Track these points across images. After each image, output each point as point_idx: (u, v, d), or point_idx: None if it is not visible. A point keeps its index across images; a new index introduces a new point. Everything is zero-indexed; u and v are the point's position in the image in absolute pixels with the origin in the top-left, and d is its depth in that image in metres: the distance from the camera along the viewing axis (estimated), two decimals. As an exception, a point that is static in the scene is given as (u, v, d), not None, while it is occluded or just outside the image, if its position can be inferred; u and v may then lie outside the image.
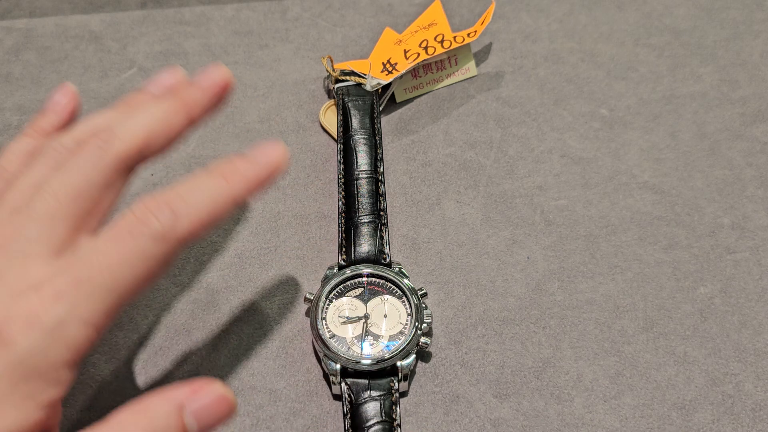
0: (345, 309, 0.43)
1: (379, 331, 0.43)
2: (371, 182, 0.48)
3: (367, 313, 0.43)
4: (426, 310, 0.43)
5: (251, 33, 0.59)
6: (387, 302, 0.44)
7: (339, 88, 0.53)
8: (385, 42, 0.56)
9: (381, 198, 0.47)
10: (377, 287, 0.44)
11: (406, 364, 0.41)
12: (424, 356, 0.44)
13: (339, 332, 0.43)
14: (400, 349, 0.41)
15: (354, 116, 0.51)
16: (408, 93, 0.55)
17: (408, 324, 0.43)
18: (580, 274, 0.47)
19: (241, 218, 0.49)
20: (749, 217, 0.49)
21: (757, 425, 0.41)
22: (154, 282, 0.36)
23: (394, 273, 0.44)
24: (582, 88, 0.55)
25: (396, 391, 0.41)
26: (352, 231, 0.46)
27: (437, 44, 0.54)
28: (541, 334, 0.44)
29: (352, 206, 0.47)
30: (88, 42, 0.59)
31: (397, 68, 0.53)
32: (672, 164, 0.51)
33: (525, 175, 0.51)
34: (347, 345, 0.42)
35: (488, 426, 0.41)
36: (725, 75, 0.56)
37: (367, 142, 0.49)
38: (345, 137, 0.50)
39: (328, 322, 0.43)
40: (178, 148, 0.53)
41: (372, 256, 0.45)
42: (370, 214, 0.46)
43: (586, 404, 0.42)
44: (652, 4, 0.60)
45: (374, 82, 0.52)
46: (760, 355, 0.44)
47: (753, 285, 0.46)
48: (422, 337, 0.42)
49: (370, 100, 0.52)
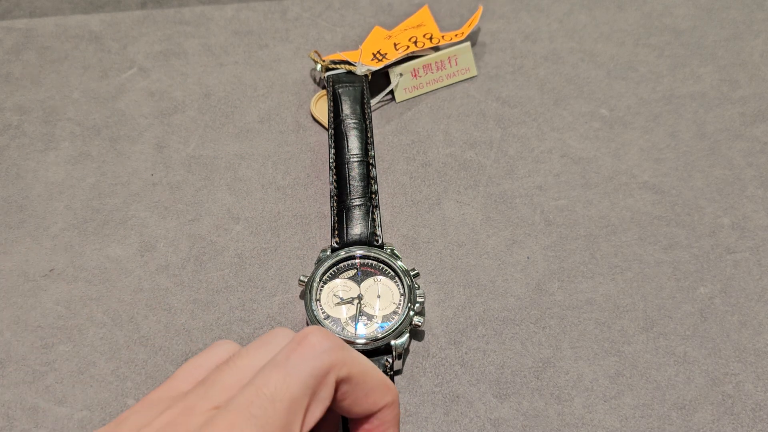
0: (339, 290, 0.44)
1: (373, 311, 0.43)
2: (362, 166, 0.48)
3: (361, 294, 0.44)
4: (419, 290, 0.43)
5: (251, 33, 0.59)
6: (380, 283, 0.44)
7: (329, 76, 0.53)
8: (374, 38, 0.57)
9: (372, 181, 0.48)
10: (370, 268, 0.45)
11: (399, 343, 0.42)
12: (417, 335, 0.44)
13: (333, 313, 0.43)
14: (394, 328, 0.42)
15: (345, 102, 0.51)
16: (408, 93, 0.55)
17: (401, 304, 0.43)
18: (580, 274, 0.47)
19: (241, 218, 0.49)
20: (749, 217, 0.49)
21: (757, 425, 0.41)
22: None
23: (386, 254, 0.45)
24: (582, 88, 0.55)
25: (390, 369, 0.42)
26: (345, 214, 0.46)
27: (426, 40, 0.55)
28: (541, 334, 0.44)
29: (344, 190, 0.47)
30: (88, 42, 0.59)
31: (387, 57, 0.53)
32: (672, 164, 0.51)
33: (525, 175, 0.51)
34: (341, 325, 0.43)
35: (488, 426, 0.41)
36: (725, 75, 0.56)
37: (358, 127, 0.50)
38: (336, 122, 0.50)
39: (323, 304, 0.43)
40: (178, 148, 0.53)
41: (364, 238, 0.46)
42: (361, 197, 0.47)
43: (586, 404, 0.42)
44: (652, 4, 0.60)
45: (364, 68, 0.53)
46: (760, 355, 0.43)
47: (753, 285, 0.46)
48: (415, 316, 0.43)
49: (360, 87, 0.52)
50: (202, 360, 0.32)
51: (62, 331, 0.45)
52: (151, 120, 0.54)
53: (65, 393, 0.42)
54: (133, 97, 0.56)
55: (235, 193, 0.50)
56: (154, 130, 0.54)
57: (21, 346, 0.44)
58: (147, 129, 0.54)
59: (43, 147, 0.53)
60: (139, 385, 0.43)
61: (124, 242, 0.48)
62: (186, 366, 0.32)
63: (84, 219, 0.49)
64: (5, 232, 0.49)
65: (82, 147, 0.53)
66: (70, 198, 0.50)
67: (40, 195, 0.50)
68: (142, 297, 0.46)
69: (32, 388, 0.43)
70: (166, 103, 0.55)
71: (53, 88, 0.56)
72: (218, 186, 0.51)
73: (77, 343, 0.44)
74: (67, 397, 0.42)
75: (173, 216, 0.49)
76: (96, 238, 0.48)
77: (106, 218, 0.49)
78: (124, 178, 0.51)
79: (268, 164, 0.52)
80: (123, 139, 0.53)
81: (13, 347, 0.44)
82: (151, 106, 0.55)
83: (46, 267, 0.47)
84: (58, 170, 0.52)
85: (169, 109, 0.55)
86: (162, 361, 0.44)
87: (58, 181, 0.51)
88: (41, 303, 0.46)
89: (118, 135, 0.53)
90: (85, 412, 0.42)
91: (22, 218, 0.49)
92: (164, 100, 0.55)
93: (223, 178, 0.51)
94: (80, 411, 0.42)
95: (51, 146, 0.53)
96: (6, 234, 0.49)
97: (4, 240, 0.48)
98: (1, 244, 0.48)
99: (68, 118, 0.54)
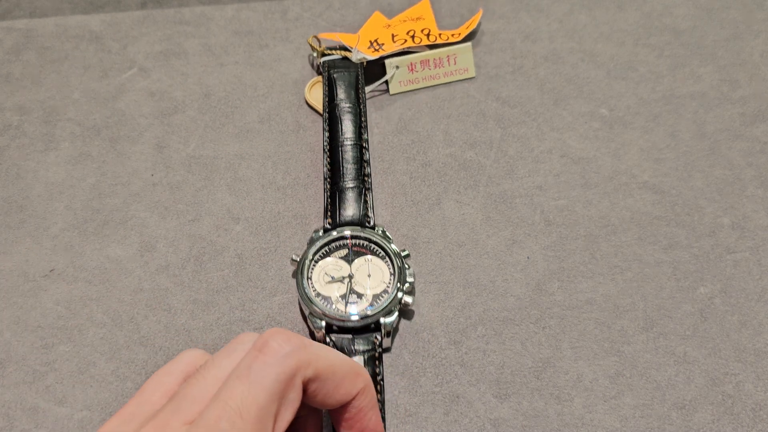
0: (330, 269, 0.45)
1: (363, 290, 0.44)
2: (356, 149, 0.49)
3: (352, 273, 0.44)
4: (408, 270, 0.44)
5: (251, 33, 0.59)
6: (371, 262, 0.45)
7: (325, 61, 0.54)
8: (373, 23, 0.57)
9: (365, 164, 0.49)
10: (361, 248, 0.45)
11: (389, 321, 0.43)
12: (407, 314, 0.45)
13: (324, 291, 0.44)
14: (383, 306, 0.43)
15: (339, 87, 0.52)
16: (402, 86, 0.55)
17: (391, 283, 0.44)
18: (580, 274, 0.47)
19: (241, 218, 0.49)
20: (749, 217, 0.49)
21: (757, 425, 0.41)
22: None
23: (378, 235, 0.45)
24: (582, 88, 0.55)
25: (379, 346, 0.42)
26: (338, 196, 0.47)
27: (423, 36, 0.55)
28: (541, 334, 0.44)
29: (338, 172, 0.48)
30: (88, 42, 0.59)
31: (383, 48, 0.54)
32: (672, 164, 0.51)
33: (525, 175, 0.51)
34: (332, 303, 0.43)
35: (488, 426, 0.41)
36: (725, 75, 0.56)
37: (352, 111, 0.51)
38: (330, 106, 0.51)
39: (314, 282, 0.44)
40: (178, 148, 0.53)
41: (356, 219, 0.46)
42: (354, 180, 0.48)
43: (586, 404, 0.42)
44: (652, 4, 0.60)
45: (360, 55, 0.54)
46: (760, 355, 0.43)
47: (753, 285, 0.46)
48: (405, 295, 0.43)
49: (355, 72, 0.53)
50: (170, 370, 0.32)
51: (62, 331, 0.45)
52: (151, 120, 0.54)
53: (65, 393, 0.42)
54: (133, 97, 0.56)
55: (235, 193, 0.50)
56: (154, 130, 0.54)
57: (21, 346, 0.44)
58: (147, 129, 0.54)
59: (43, 147, 0.53)
60: (139, 386, 0.43)
61: (124, 242, 0.48)
62: (154, 377, 0.32)
63: (84, 219, 0.49)
64: (5, 232, 0.49)
65: (82, 147, 0.53)
66: (71, 198, 0.50)
67: (41, 195, 0.50)
68: (142, 297, 0.46)
69: (32, 388, 0.43)
70: (166, 103, 0.55)
71: (53, 88, 0.56)
72: (218, 186, 0.51)
73: (77, 343, 0.44)
74: (67, 397, 0.42)
75: (173, 216, 0.49)
76: (96, 238, 0.48)
77: (106, 218, 0.49)
78: (124, 178, 0.51)
79: (268, 164, 0.52)
80: (123, 139, 0.53)
81: (13, 347, 0.44)
82: (151, 106, 0.55)
83: (47, 267, 0.47)
84: (59, 170, 0.52)
85: (169, 109, 0.55)
86: (162, 361, 0.44)
87: (58, 181, 0.51)
88: (41, 303, 0.46)
89: (118, 135, 0.53)
90: (85, 412, 0.42)
91: (22, 218, 0.49)
92: (164, 100, 0.55)
93: (223, 178, 0.51)
94: (80, 411, 0.42)
95: (51, 146, 0.53)
96: (6, 234, 0.49)
97: (4, 240, 0.48)
98: (1, 244, 0.48)
99: (68, 118, 0.54)
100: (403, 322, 0.45)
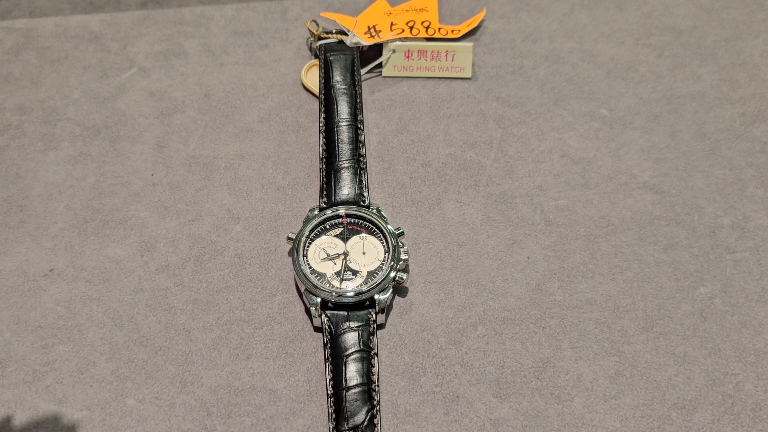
0: (325, 246, 0.46)
1: (358, 267, 0.45)
2: (351, 129, 0.50)
3: (347, 250, 0.46)
4: (402, 248, 0.45)
5: (251, 33, 0.59)
6: (365, 240, 0.46)
7: (321, 45, 0.55)
8: (376, 9, 0.58)
9: (360, 144, 0.50)
10: (356, 227, 0.47)
11: (383, 298, 0.44)
12: (401, 291, 0.46)
13: (319, 268, 0.45)
14: (377, 283, 0.44)
15: (335, 69, 0.53)
16: (396, 71, 0.56)
17: (385, 260, 0.45)
18: (580, 274, 0.47)
19: (241, 218, 0.49)
20: (749, 217, 0.49)
21: (757, 425, 0.41)
22: None
23: (372, 213, 0.46)
24: (582, 88, 0.55)
25: (374, 322, 0.43)
26: (333, 175, 0.48)
27: (422, 28, 0.56)
28: (541, 334, 0.44)
29: (333, 152, 0.49)
30: (88, 42, 0.59)
31: (380, 35, 0.55)
32: (672, 164, 0.51)
33: (525, 175, 0.51)
34: (327, 280, 0.44)
35: (488, 426, 0.41)
36: (725, 75, 0.56)
37: (348, 92, 0.52)
38: (326, 88, 0.52)
39: (309, 259, 0.45)
40: (178, 148, 0.53)
41: (352, 198, 0.48)
42: (350, 159, 0.49)
43: (586, 404, 0.42)
44: (652, 4, 0.60)
45: (355, 39, 0.55)
46: (760, 355, 0.43)
47: (753, 285, 0.46)
48: (399, 273, 0.44)
49: (351, 55, 0.54)
50: None
51: (62, 331, 0.45)
52: (151, 120, 0.54)
53: (65, 393, 0.42)
54: (133, 97, 0.56)
55: (235, 193, 0.50)
56: (154, 130, 0.54)
57: (21, 346, 0.44)
58: (147, 129, 0.54)
59: (43, 147, 0.53)
60: (139, 385, 0.43)
61: (124, 242, 0.48)
62: None
63: (84, 219, 0.49)
64: (5, 232, 0.49)
65: (82, 147, 0.53)
66: (70, 198, 0.50)
67: (40, 195, 0.50)
68: (142, 297, 0.46)
69: (32, 388, 0.43)
70: (166, 103, 0.55)
71: (53, 88, 0.56)
72: (218, 186, 0.51)
73: (77, 343, 0.44)
74: (67, 397, 0.42)
75: (173, 216, 0.49)
76: (96, 238, 0.48)
77: (106, 218, 0.49)
78: (124, 178, 0.51)
79: (268, 164, 0.52)
80: (123, 139, 0.53)
81: (13, 347, 0.44)
82: (151, 106, 0.55)
83: (46, 267, 0.47)
84: (58, 170, 0.52)
85: (169, 109, 0.55)
86: (162, 361, 0.44)
87: (58, 181, 0.51)
88: (41, 303, 0.46)
89: (118, 135, 0.53)
90: (85, 412, 0.42)
91: (22, 218, 0.49)
92: (164, 100, 0.55)
93: (223, 178, 0.51)
94: (80, 411, 0.42)
95: (51, 146, 0.53)
96: (6, 234, 0.49)
97: (4, 240, 0.48)
98: (1, 244, 0.48)
99: (68, 118, 0.54)
100: (404, 322, 0.45)
